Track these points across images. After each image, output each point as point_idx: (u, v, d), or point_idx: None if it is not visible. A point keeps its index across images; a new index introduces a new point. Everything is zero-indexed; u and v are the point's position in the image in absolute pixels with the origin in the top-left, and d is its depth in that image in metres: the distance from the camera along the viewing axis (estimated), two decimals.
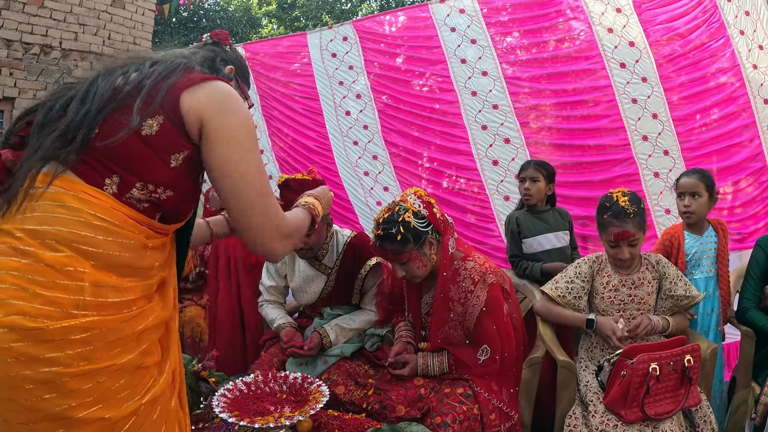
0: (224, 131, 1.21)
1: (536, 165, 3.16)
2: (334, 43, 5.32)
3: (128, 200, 1.17)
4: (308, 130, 5.23)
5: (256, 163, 1.25)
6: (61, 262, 1.06)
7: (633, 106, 4.31)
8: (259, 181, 1.25)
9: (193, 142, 1.21)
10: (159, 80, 1.21)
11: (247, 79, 1.61)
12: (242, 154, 1.23)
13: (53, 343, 1.02)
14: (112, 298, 1.11)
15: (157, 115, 1.17)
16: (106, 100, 1.18)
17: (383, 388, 2.29)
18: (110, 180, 1.16)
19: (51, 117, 1.20)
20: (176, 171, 1.20)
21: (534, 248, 3.10)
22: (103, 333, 1.08)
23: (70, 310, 1.05)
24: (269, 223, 1.27)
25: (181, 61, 1.28)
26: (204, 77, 1.25)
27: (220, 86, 1.25)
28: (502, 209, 4.46)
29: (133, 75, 1.23)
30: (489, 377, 2.22)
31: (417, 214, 2.20)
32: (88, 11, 5.97)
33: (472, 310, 2.19)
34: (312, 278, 2.70)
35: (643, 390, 2.03)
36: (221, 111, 1.21)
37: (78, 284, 1.06)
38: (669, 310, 2.42)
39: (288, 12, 16.87)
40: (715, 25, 4.44)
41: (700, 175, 2.84)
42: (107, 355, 1.08)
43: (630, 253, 2.31)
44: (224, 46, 1.55)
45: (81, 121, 1.16)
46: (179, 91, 1.20)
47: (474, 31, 4.80)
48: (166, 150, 1.19)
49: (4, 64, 5.48)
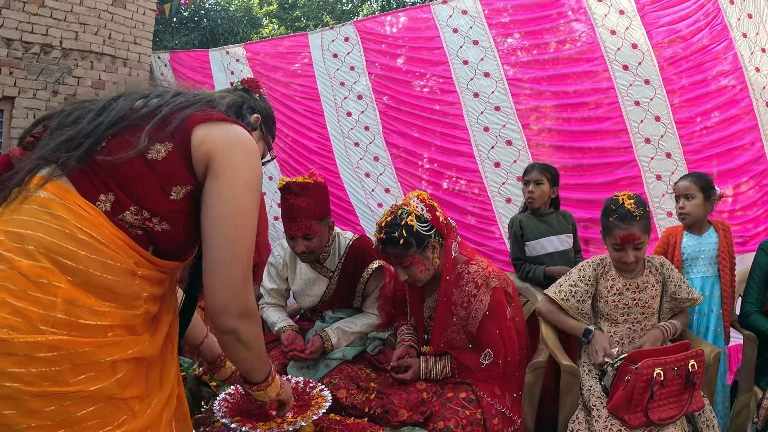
0: (231, 171, 1.15)
1: (540, 168, 3.15)
2: (336, 43, 5.32)
3: (120, 222, 1.11)
4: (309, 131, 5.23)
5: (252, 222, 1.19)
6: (35, 272, 1.00)
7: (636, 108, 4.30)
8: (249, 240, 1.18)
9: (198, 179, 1.16)
10: (177, 109, 1.17)
11: (273, 131, 1.55)
12: (243, 205, 1.16)
13: (17, 358, 0.96)
14: (86, 320, 1.03)
15: (166, 142, 1.14)
16: (120, 117, 1.15)
17: (385, 392, 2.27)
18: (105, 197, 1.10)
19: (65, 123, 1.16)
20: (175, 204, 1.15)
21: (537, 251, 3.09)
22: (72, 355, 1.00)
23: (38, 324, 0.98)
24: (240, 289, 1.17)
25: (204, 97, 1.26)
26: (223, 117, 1.21)
27: (238, 130, 1.21)
28: (503, 211, 4.46)
29: (154, 100, 1.20)
30: (492, 381, 2.21)
31: (420, 217, 2.18)
32: (89, 10, 5.95)
33: (475, 314, 2.18)
34: (314, 281, 2.68)
35: (647, 395, 2.02)
36: (232, 152, 1.16)
37: (50, 299, 1.00)
38: (671, 311, 2.44)
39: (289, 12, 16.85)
40: (717, 27, 4.44)
41: (695, 178, 2.91)
42: (75, 379, 1.01)
43: (635, 256, 2.30)
44: (254, 94, 1.51)
45: (90, 132, 1.13)
46: (194, 123, 1.16)
47: (476, 33, 4.80)
48: (169, 179, 1.14)
49: (4, 63, 5.46)
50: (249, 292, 1.20)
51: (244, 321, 1.20)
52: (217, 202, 1.14)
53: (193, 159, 1.15)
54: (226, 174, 1.14)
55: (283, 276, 2.78)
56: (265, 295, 2.83)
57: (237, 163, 1.16)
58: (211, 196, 1.15)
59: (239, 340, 1.22)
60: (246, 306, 1.19)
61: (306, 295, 2.71)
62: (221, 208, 1.14)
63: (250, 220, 1.19)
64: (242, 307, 1.18)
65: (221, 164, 1.14)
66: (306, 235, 2.48)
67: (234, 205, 1.15)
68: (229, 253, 1.15)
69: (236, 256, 1.16)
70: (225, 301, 1.17)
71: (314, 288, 2.69)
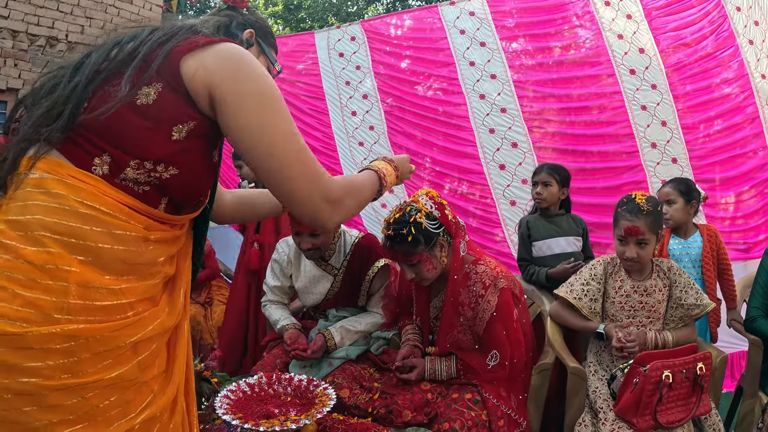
0: (239, 97, 1.05)
1: (549, 169, 3.13)
2: (342, 42, 5.31)
3: (122, 183, 1.02)
4: (314, 129, 5.21)
5: (284, 126, 1.08)
6: (41, 258, 0.93)
7: (642, 113, 4.30)
8: (292, 142, 1.08)
9: (203, 113, 1.06)
10: (156, 46, 1.06)
11: (272, 42, 1.41)
12: (264, 119, 1.06)
13: (33, 352, 0.90)
14: (103, 301, 0.97)
15: (154, 83, 1.03)
16: (96, 71, 1.05)
17: (389, 392, 2.25)
18: (100, 160, 1.01)
19: (40, 96, 1.07)
20: (179, 144, 1.05)
21: (543, 252, 3.07)
22: (90, 343, 0.94)
23: (52, 314, 0.92)
24: (311, 186, 1.09)
25: (185, 26, 1.13)
26: (209, 40, 1.08)
27: (229, 47, 1.09)
28: (508, 214, 4.44)
29: (129, 44, 1.08)
30: (498, 383, 2.19)
31: (429, 215, 2.16)
32: (96, 4, 5.96)
33: (482, 314, 2.16)
34: (318, 279, 2.66)
35: (655, 397, 2.01)
36: (233, 75, 1.05)
37: (61, 285, 0.93)
38: (679, 320, 2.36)
39: (294, 13, 16.88)
40: (724, 34, 4.44)
41: (675, 184, 3.09)
42: (95, 368, 0.95)
43: (637, 253, 2.27)
44: (241, 10, 1.37)
45: (68, 96, 1.03)
46: (180, 55, 1.04)
47: (483, 34, 4.79)
48: (167, 121, 1.03)
49: (9, 55, 5.46)
50: (318, 184, 1.11)
51: (332, 206, 1.13)
52: (242, 129, 1.06)
53: (191, 93, 1.04)
54: (234, 97, 1.04)
55: (287, 273, 2.75)
56: (268, 293, 2.81)
57: (240, 81, 1.06)
58: (232, 124, 1.06)
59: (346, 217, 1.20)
60: (327, 195, 1.12)
61: (310, 292, 2.69)
62: (248, 134, 1.06)
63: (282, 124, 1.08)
64: (320, 201, 1.11)
65: (224, 89, 1.04)
66: (312, 232, 2.46)
67: (258, 125, 1.06)
68: (282, 170, 1.07)
69: (290, 166, 1.07)
70: (304, 209, 1.11)
71: (318, 286, 2.67)
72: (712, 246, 3.05)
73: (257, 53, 1.33)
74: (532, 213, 3.29)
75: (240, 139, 1.07)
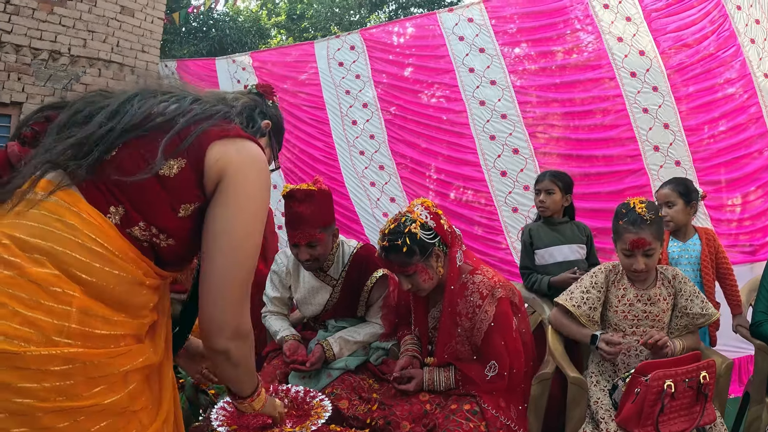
0: (241, 188, 1.11)
1: (552, 176, 3.10)
2: (342, 52, 5.32)
3: (129, 235, 1.07)
4: (314, 139, 5.22)
5: (255, 242, 1.14)
6: (47, 280, 0.95)
7: (644, 115, 4.27)
8: (250, 259, 1.14)
9: (206, 194, 1.12)
10: (192, 122, 1.13)
11: (281, 140, 1.53)
12: (249, 223, 1.13)
13: (29, 372, 0.91)
14: (100, 329, 1.00)
15: (180, 158, 1.09)
16: (134, 125, 1.10)
17: (388, 403, 2.23)
18: (115, 209, 1.06)
19: (75, 121, 1.11)
20: (182, 221, 1.11)
21: (545, 260, 3.04)
22: (86, 367, 0.97)
23: (52, 336, 0.94)
24: (236, 309, 1.14)
25: (222, 109, 1.21)
26: (240, 133, 1.17)
27: (256, 150, 1.17)
28: (510, 221, 4.41)
29: (171, 107, 1.15)
30: (497, 393, 2.16)
31: (424, 225, 2.14)
32: (98, 18, 6.00)
33: (480, 325, 2.13)
34: (317, 290, 2.65)
35: (657, 408, 1.97)
36: (245, 170, 1.12)
37: (64, 308, 0.96)
38: (684, 328, 2.31)
39: (297, 23, 16.96)
40: (725, 34, 4.41)
41: (674, 185, 3.01)
42: (89, 392, 0.97)
43: (645, 263, 2.23)
44: (267, 100, 1.48)
45: (101, 137, 1.07)
46: (210, 140, 1.12)
47: (482, 41, 4.79)
48: (179, 197, 1.10)
49: (13, 68, 5.51)
50: (245, 312, 1.16)
51: (237, 341, 1.16)
52: (221, 216, 1.11)
53: (205, 176, 1.11)
54: (235, 190, 1.11)
55: (286, 284, 2.74)
56: (267, 304, 2.80)
57: (248, 181, 1.13)
58: (217, 209, 1.11)
59: (229, 359, 1.18)
60: (239, 327, 1.15)
61: (309, 303, 2.68)
62: (226, 222, 1.11)
63: (254, 239, 1.14)
64: (236, 328, 1.14)
65: (232, 181, 1.11)
66: (310, 243, 2.44)
67: (239, 222, 1.11)
68: (229, 270, 1.11)
69: (235, 274, 1.12)
70: (218, 321, 1.13)
71: (317, 296, 2.66)
72: (711, 249, 3.00)
73: (265, 144, 1.41)
74: (535, 221, 3.26)
75: (216, 224, 1.11)
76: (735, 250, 4.08)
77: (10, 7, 5.45)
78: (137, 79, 6.17)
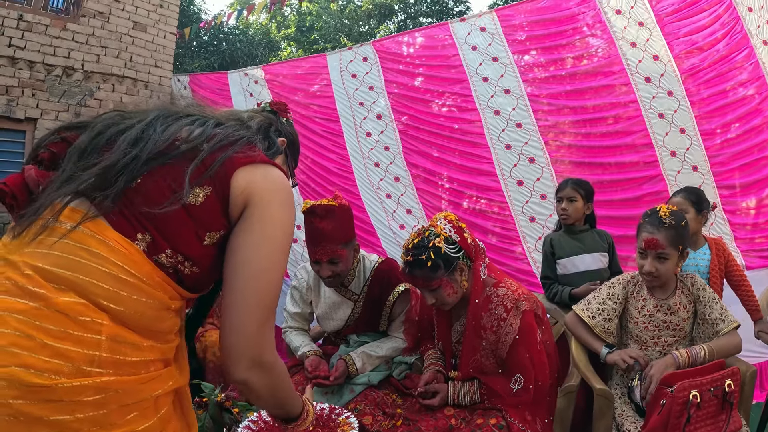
0: (266, 217, 1.10)
1: (574, 184, 3.09)
2: (354, 63, 5.32)
3: (156, 262, 1.05)
4: (329, 152, 5.22)
5: (279, 270, 1.12)
6: (75, 309, 0.93)
7: (660, 121, 4.23)
8: (273, 287, 1.11)
9: (231, 221, 1.11)
10: (217, 149, 1.11)
11: (296, 158, 1.51)
12: (273, 252, 1.10)
13: (61, 404, 0.89)
14: (131, 356, 0.98)
15: (206, 185, 1.08)
16: (158, 153, 1.08)
17: (412, 418, 2.21)
18: (141, 236, 1.04)
19: (96, 144, 1.08)
20: (207, 249, 1.10)
21: (568, 269, 3.02)
22: (119, 395, 0.95)
23: (83, 366, 0.92)
24: (256, 339, 1.09)
25: (245, 134, 1.19)
26: (264, 159, 1.16)
27: (280, 176, 1.16)
28: (527, 231, 4.38)
29: (195, 132, 1.13)
30: (522, 407, 2.14)
31: (448, 239, 2.13)
32: (110, 34, 6.05)
33: (504, 338, 2.12)
34: (338, 305, 2.64)
35: (684, 418, 1.94)
36: (271, 198, 1.11)
37: (95, 337, 0.94)
38: (708, 337, 2.28)
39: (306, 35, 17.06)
40: (737, 36, 4.37)
41: (686, 193, 3.01)
42: (123, 420, 0.96)
43: (656, 268, 2.22)
44: (281, 117, 1.47)
45: (126, 166, 1.05)
46: (236, 167, 1.10)
47: (495, 49, 4.78)
48: (205, 225, 1.08)
49: (27, 85, 5.57)
50: (265, 342, 1.11)
51: (257, 372, 1.11)
52: (245, 244, 1.09)
53: (231, 203, 1.09)
54: (260, 218, 1.09)
55: (306, 300, 2.74)
56: (288, 319, 2.79)
57: (273, 209, 1.11)
58: (240, 237, 1.09)
59: (250, 390, 1.13)
60: (261, 357, 1.10)
61: (330, 318, 2.67)
62: (249, 251, 1.08)
63: (277, 267, 1.11)
64: (256, 358, 1.09)
65: (257, 209, 1.09)
66: (331, 260, 2.43)
67: (263, 251, 1.09)
68: (249, 298, 1.08)
69: (257, 303, 1.08)
70: (236, 351, 1.09)
71: (339, 312, 2.64)
72: (720, 259, 3.00)
73: (282, 162, 1.41)
74: (556, 230, 3.24)
75: (239, 252, 1.09)
76: (753, 254, 4.03)
77: (23, 24, 5.51)
78: (151, 93, 6.21)
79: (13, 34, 5.45)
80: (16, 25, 5.46)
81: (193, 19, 12.61)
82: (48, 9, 5.79)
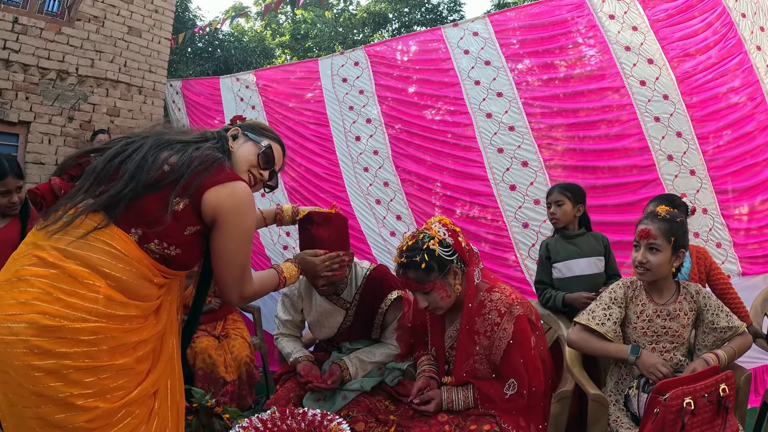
0: (233, 228, 1.58)
1: (560, 188, 3.08)
2: (345, 68, 5.29)
3: (145, 249, 1.50)
4: (318, 156, 5.16)
5: (245, 252, 1.65)
6: (82, 275, 1.37)
7: (656, 124, 4.22)
8: (243, 262, 1.65)
9: (205, 222, 1.57)
10: (193, 174, 1.53)
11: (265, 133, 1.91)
12: (238, 247, 1.62)
13: (65, 340, 1.29)
14: (119, 311, 1.40)
15: (185, 198, 1.52)
16: (151, 184, 1.50)
17: (405, 425, 2.18)
18: (134, 230, 1.49)
19: (107, 170, 1.52)
20: (188, 237, 1.55)
21: (564, 274, 3.00)
22: (107, 338, 1.36)
23: (84, 315, 1.33)
24: (237, 288, 1.67)
25: (218, 157, 1.62)
26: (230, 177, 1.59)
27: (242, 190, 1.59)
28: (520, 237, 4.33)
29: (179, 161, 1.55)
30: (516, 412, 2.11)
31: (442, 242, 2.12)
32: (105, 38, 6.01)
33: (498, 343, 2.09)
34: (330, 313, 2.60)
35: (678, 426, 1.90)
36: (237, 212, 1.57)
37: (94, 295, 1.36)
38: (713, 345, 2.25)
39: (301, 42, 17.08)
40: (731, 42, 4.38)
41: (660, 200, 2.98)
42: (108, 357, 1.36)
43: (647, 258, 2.21)
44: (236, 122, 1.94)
45: (125, 195, 1.48)
46: (206, 188, 1.53)
47: (488, 53, 4.76)
48: (185, 223, 1.53)
49: (21, 88, 5.52)
50: (244, 284, 1.68)
51: (244, 300, 1.73)
52: (220, 240, 1.59)
53: (202, 212, 1.55)
54: (228, 227, 1.57)
55: (297, 307, 2.70)
56: (279, 326, 2.76)
57: (238, 220, 1.58)
58: (217, 237, 1.59)
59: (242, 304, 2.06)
60: (242, 294, 1.69)
61: (322, 326, 2.63)
62: (223, 244, 1.60)
63: (244, 250, 1.65)
64: (239, 294, 1.69)
65: (225, 221, 1.56)
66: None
67: (233, 243, 1.60)
68: (227, 265, 1.63)
69: (233, 270, 1.64)
70: (226, 292, 1.69)
71: (330, 320, 2.61)
72: (700, 267, 3.00)
73: (244, 141, 1.82)
74: (552, 235, 3.22)
75: (218, 244, 1.60)
76: (746, 261, 4.02)
77: (18, 27, 5.47)
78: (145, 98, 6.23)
79: (8, 37, 5.41)
80: (11, 28, 5.42)
81: (188, 25, 12.58)
82: (43, 12, 5.76)
